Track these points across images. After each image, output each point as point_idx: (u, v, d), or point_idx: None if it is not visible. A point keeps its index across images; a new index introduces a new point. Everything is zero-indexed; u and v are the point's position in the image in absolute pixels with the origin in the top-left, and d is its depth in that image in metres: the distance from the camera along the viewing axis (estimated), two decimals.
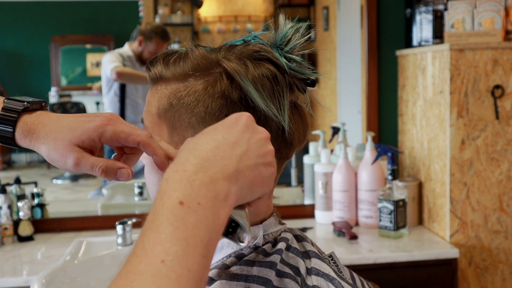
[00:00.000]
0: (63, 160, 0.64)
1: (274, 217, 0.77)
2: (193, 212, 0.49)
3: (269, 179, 0.59)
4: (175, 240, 0.47)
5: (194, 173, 0.51)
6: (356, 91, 2.37)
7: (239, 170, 0.55)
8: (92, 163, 0.63)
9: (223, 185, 0.52)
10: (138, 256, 0.47)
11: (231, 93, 0.69)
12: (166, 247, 0.46)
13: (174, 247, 0.46)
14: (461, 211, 1.80)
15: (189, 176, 0.51)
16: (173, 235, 0.47)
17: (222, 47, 0.73)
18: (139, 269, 0.45)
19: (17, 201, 2.03)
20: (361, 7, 2.24)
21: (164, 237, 0.47)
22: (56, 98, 2.54)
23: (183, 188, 0.50)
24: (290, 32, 0.72)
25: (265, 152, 0.59)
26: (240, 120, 0.59)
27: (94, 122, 0.63)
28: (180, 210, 0.49)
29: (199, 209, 0.49)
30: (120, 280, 0.45)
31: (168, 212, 0.48)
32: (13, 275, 1.65)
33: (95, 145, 0.65)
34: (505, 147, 1.80)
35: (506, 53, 1.76)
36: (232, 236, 0.61)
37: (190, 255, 0.47)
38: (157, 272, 0.45)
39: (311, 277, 0.72)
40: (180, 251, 0.46)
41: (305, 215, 2.15)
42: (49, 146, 0.64)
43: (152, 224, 0.48)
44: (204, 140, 0.56)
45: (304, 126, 0.76)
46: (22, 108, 0.66)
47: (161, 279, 0.45)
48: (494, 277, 1.84)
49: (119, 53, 2.36)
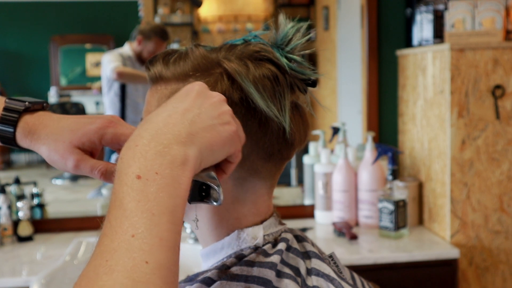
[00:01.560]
0: (63, 162, 0.64)
1: (274, 217, 0.77)
2: (152, 182, 0.49)
3: (229, 138, 0.58)
4: (140, 213, 0.47)
5: (146, 145, 0.51)
6: (356, 91, 2.37)
7: (193, 133, 0.54)
8: (92, 166, 0.64)
9: (177, 150, 0.52)
10: (108, 235, 0.47)
11: (231, 94, 0.68)
12: (133, 221, 0.47)
13: (141, 220, 0.47)
14: (461, 211, 1.80)
15: (142, 149, 0.51)
16: (137, 209, 0.48)
17: (223, 47, 0.72)
18: (112, 247, 0.46)
19: (16, 201, 2.03)
20: (361, 7, 2.24)
21: (129, 213, 0.48)
22: (56, 98, 2.54)
23: (138, 161, 0.50)
24: (291, 32, 0.72)
25: (220, 113, 0.58)
26: (191, 89, 0.59)
27: (95, 124, 0.63)
28: (139, 183, 0.49)
29: (157, 178, 0.50)
30: (96, 260, 0.46)
31: (128, 188, 0.49)
32: (13, 275, 1.65)
33: (95, 147, 0.65)
34: (506, 147, 1.79)
35: (506, 53, 1.76)
36: (207, 199, 0.60)
37: (158, 224, 0.47)
38: (130, 246, 0.46)
39: (311, 277, 0.72)
40: (148, 222, 0.47)
41: (305, 215, 2.15)
42: (49, 147, 0.64)
43: (114, 203, 0.49)
44: (155, 114, 0.56)
45: (305, 127, 0.76)
46: (23, 108, 0.66)
47: (136, 252, 0.45)
48: (494, 277, 1.84)
49: (119, 53, 2.36)
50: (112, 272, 0.44)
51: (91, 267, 0.46)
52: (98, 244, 0.47)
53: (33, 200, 2.11)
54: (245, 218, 0.73)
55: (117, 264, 0.45)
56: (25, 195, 2.08)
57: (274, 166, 0.74)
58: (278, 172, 0.76)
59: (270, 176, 0.75)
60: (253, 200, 0.73)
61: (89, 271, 0.46)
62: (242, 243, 0.71)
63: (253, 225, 0.73)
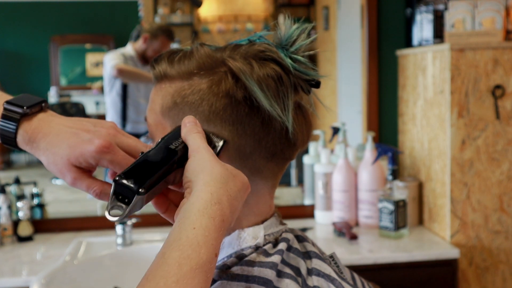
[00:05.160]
0: (61, 176, 0.65)
1: (275, 217, 0.77)
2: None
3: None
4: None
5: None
6: (356, 91, 2.37)
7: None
8: (87, 186, 0.65)
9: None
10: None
11: (235, 93, 0.69)
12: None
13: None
14: (461, 211, 1.80)
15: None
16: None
17: (227, 47, 0.73)
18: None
19: (16, 201, 2.03)
20: (361, 7, 2.24)
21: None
22: (56, 98, 2.54)
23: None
24: (296, 33, 0.72)
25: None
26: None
27: (93, 144, 0.63)
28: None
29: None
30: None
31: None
32: (13, 275, 1.65)
33: (92, 167, 0.66)
34: (506, 147, 1.79)
35: (506, 53, 1.76)
36: (121, 203, 0.60)
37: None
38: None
39: (312, 277, 0.72)
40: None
41: (305, 215, 2.15)
42: (48, 160, 0.65)
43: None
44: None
45: (307, 127, 0.76)
46: (20, 117, 0.65)
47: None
48: (494, 277, 1.84)
49: (121, 53, 2.36)
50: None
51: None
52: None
53: (33, 200, 2.11)
54: (246, 217, 0.73)
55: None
56: (25, 195, 2.08)
57: (276, 166, 0.74)
58: (280, 172, 0.76)
59: (272, 176, 0.75)
60: (254, 199, 0.73)
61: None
62: (243, 242, 0.72)
63: (254, 225, 0.73)
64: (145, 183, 0.59)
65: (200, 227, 0.55)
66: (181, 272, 0.52)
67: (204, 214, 0.56)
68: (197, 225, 0.55)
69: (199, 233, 0.54)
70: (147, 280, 0.53)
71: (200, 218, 0.55)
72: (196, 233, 0.54)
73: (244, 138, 0.70)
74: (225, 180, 0.59)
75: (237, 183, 0.61)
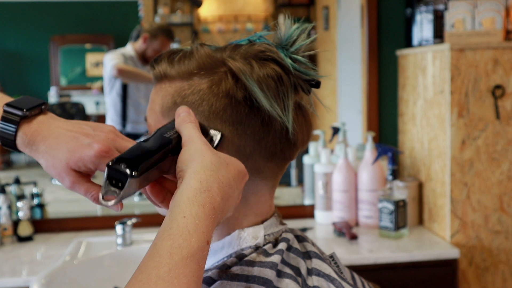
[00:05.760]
0: (59, 179, 0.65)
1: (275, 217, 0.77)
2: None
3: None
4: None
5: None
6: (356, 91, 2.36)
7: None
8: (86, 190, 0.65)
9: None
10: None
11: (235, 93, 0.69)
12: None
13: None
14: (461, 211, 1.80)
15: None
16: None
17: (228, 47, 0.73)
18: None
19: (16, 201, 2.03)
20: (361, 7, 2.24)
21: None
22: (56, 98, 2.54)
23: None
24: (296, 33, 0.72)
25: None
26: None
27: (92, 149, 0.62)
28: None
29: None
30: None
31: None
32: (13, 275, 1.65)
33: (91, 171, 0.65)
34: (506, 147, 1.79)
35: (506, 53, 1.76)
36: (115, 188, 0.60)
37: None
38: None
39: (312, 277, 0.72)
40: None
41: (305, 215, 2.15)
42: (47, 163, 0.64)
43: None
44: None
45: (308, 127, 0.76)
46: (19, 120, 0.65)
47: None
48: (494, 277, 1.84)
49: (121, 53, 2.36)
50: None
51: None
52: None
53: (33, 200, 2.11)
54: (246, 217, 0.73)
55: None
56: (25, 195, 2.08)
57: (277, 166, 0.74)
58: (280, 172, 0.76)
59: (272, 176, 0.75)
60: (254, 199, 0.73)
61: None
62: (243, 242, 0.72)
63: (254, 224, 0.73)
64: (138, 166, 0.59)
65: (190, 215, 0.55)
66: (173, 261, 0.52)
67: (193, 202, 0.56)
68: (187, 214, 0.55)
69: (189, 222, 0.54)
70: (140, 271, 0.52)
71: (189, 207, 0.55)
72: (186, 221, 0.54)
73: (244, 138, 0.70)
74: (216, 167, 0.59)
75: (230, 170, 0.60)
